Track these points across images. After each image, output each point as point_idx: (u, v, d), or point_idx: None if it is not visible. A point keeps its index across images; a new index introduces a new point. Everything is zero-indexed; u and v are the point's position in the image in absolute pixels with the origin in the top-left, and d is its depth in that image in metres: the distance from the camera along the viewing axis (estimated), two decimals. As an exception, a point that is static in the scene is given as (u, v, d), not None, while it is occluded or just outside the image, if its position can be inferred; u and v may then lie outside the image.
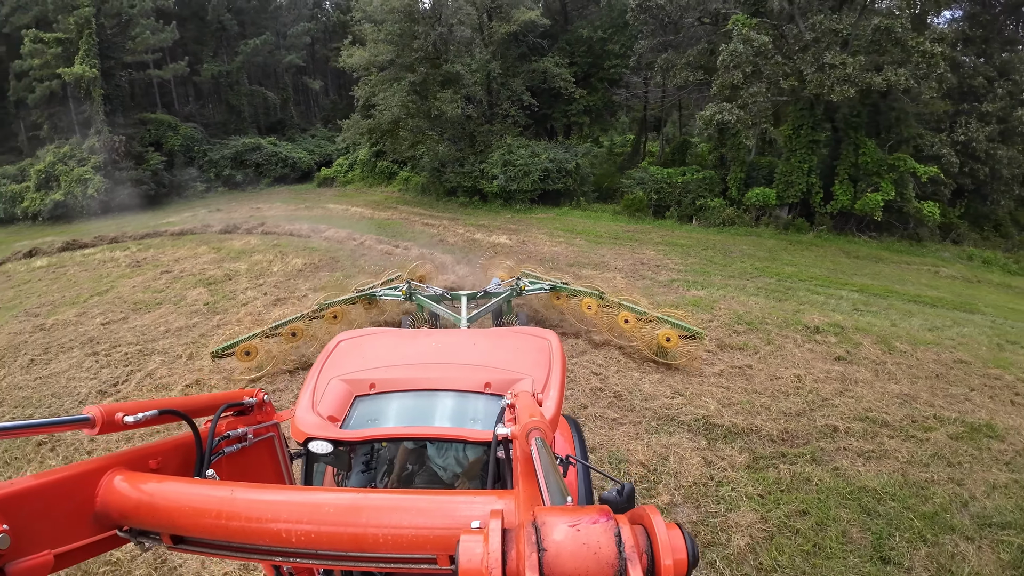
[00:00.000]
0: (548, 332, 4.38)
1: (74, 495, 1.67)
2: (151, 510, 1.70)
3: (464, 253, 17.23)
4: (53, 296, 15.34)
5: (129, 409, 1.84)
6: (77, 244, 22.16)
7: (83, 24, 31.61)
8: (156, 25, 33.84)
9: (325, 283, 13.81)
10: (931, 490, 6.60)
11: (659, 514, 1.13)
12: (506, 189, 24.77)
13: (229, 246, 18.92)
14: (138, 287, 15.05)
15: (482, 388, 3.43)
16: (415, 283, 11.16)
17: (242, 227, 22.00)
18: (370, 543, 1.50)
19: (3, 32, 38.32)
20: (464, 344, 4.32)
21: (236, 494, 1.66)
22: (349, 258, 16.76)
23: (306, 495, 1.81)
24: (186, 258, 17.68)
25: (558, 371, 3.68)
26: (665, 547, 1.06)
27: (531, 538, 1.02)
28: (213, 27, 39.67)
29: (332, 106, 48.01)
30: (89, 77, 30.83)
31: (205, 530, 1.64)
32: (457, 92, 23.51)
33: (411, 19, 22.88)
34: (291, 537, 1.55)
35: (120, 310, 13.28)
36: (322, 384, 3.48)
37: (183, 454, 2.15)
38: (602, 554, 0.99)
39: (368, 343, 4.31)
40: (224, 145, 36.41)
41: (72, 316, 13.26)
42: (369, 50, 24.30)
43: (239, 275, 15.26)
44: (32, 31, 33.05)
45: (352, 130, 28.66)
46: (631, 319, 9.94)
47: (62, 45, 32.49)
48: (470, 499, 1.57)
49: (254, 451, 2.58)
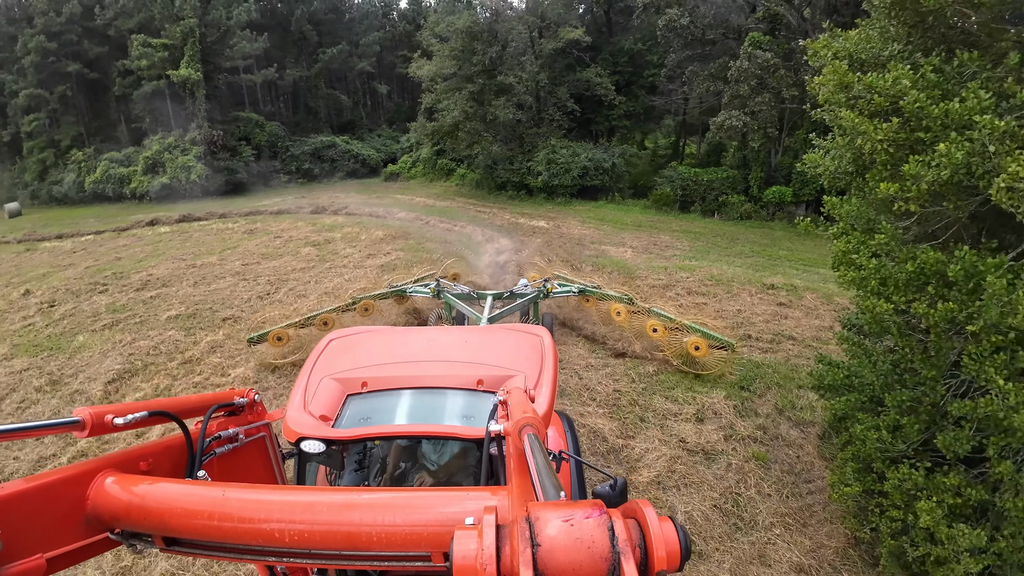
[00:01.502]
0: (540, 329, 4.56)
1: (65, 498, 1.72)
2: (143, 512, 1.75)
3: (507, 232, 21.79)
4: (189, 250, 20.80)
5: (119, 411, 1.91)
6: (191, 217, 28.06)
7: (188, 33, 38.03)
8: (250, 35, 40.05)
9: (403, 246, 18.66)
10: (801, 370, 10.58)
11: (652, 508, 1.15)
12: (549, 184, 29.20)
13: (321, 222, 24.20)
14: (259, 246, 20.35)
15: (474, 385, 3.56)
16: (444, 281, 11.72)
17: (328, 209, 27.37)
18: (364, 541, 1.57)
19: (108, 35, 45.75)
20: (456, 342, 4.42)
21: (228, 494, 1.73)
22: (418, 232, 21.63)
23: (299, 495, 1.87)
24: (289, 229, 22.99)
25: (550, 368, 3.81)
26: (658, 540, 1.09)
27: (525, 533, 1.03)
28: (295, 37, 45.90)
29: (396, 108, 53.74)
30: (194, 79, 37.17)
31: (198, 531, 1.70)
32: (510, 100, 28.23)
33: (472, 37, 27.75)
34: (284, 537, 1.61)
35: (252, 258, 18.53)
36: (313, 383, 3.59)
37: (174, 455, 2.22)
38: (596, 548, 1.01)
39: (360, 342, 4.43)
40: (304, 142, 42.45)
41: (214, 260, 18.58)
42: (436, 63, 29.29)
43: (336, 240, 20.35)
44: (141, 36, 39.78)
45: (418, 131, 33.82)
46: (660, 327, 10.15)
47: (168, 50, 39.03)
48: (463, 496, 1.67)
49: (245, 451, 2.67)
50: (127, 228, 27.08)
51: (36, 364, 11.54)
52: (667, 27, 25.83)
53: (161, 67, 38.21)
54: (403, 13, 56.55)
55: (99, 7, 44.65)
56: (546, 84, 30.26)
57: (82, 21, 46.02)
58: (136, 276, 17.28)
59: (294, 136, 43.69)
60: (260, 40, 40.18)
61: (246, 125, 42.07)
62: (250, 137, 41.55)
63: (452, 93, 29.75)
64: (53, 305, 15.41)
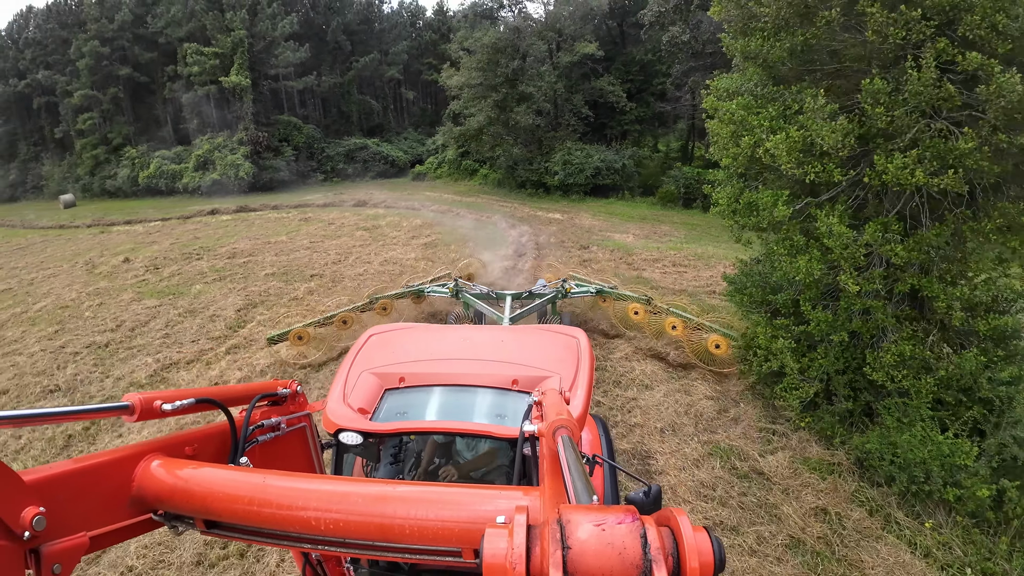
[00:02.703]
0: (577, 330, 4.70)
1: (111, 479, 1.80)
2: (186, 495, 1.84)
3: (527, 221, 25.72)
4: (257, 232, 24.96)
5: (167, 397, 2.01)
6: (247, 208, 32.40)
7: (237, 43, 42.64)
8: (293, 46, 44.59)
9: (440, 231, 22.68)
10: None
11: (686, 516, 1.16)
12: (564, 183, 33.05)
13: (365, 213, 28.39)
14: (317, 230, 24.49)
15: (510, 385, 3.73)
16: (462, 281, 12.04)
17: (367, 203, 31.56)
18: (396, 533, 1.61)
19: (157, 42, 50.63)
20: (493, 341, 4.61)
21: (268, 481, 1.81)
22: (451, 222, 25.66)
23: (336, 484, 1.94)
24: (338, 219, 27.15)
25: (586, 369, 3.94)
26: (691, 549, 1.09)
27: (556, 535, 1.05)
28: (331, 46, 50.45)
29: (421, 112, 58.14)
30: (243, 85, 41.72)
31: (238, 516, 1.78)
32: (530, 107, 32.25)
33: (496, 51, 31.83)
34: (320, 525, 1.68)
35: (315, 238, 22.65)
36: (353, 377, 3.82)
37: (218, 442, 2.34)
38: (627, 554, 1.01)
39: (399, 338, 4.66)
40: (338, 143, 46.90)
41: (284, 239, 22.73)
42: (463, 74, 33.38)
43: (381, 226, 24.46)
44: (194, 45, 44.49)
45: (445, 135, 37.96)
46: (679, 325, 10.35)
47: (219, 58, 43.64)
48: (496, 494, 1.67)
49: (286, 440, 2.80)
50: (191, 216, 31.48)
51: (166, 303, 15.63)
52: (670, 42, 29.73)
53: (212, 73, 42.84)
54: (429, 23, 61.07)
55: (151, 16, 49.52)
56: (563, 92, 34.19)
57: (132, 28, 51.03)
58: (222, 249, 21.49)
59: (328, 138, 48.15)
60: (302, 50, 44.71)
61: (285, 128, 46.58)
62: (289, 138, 46.04)
63: (477, 101, 33.82)
64: (158, 268, 19.64)
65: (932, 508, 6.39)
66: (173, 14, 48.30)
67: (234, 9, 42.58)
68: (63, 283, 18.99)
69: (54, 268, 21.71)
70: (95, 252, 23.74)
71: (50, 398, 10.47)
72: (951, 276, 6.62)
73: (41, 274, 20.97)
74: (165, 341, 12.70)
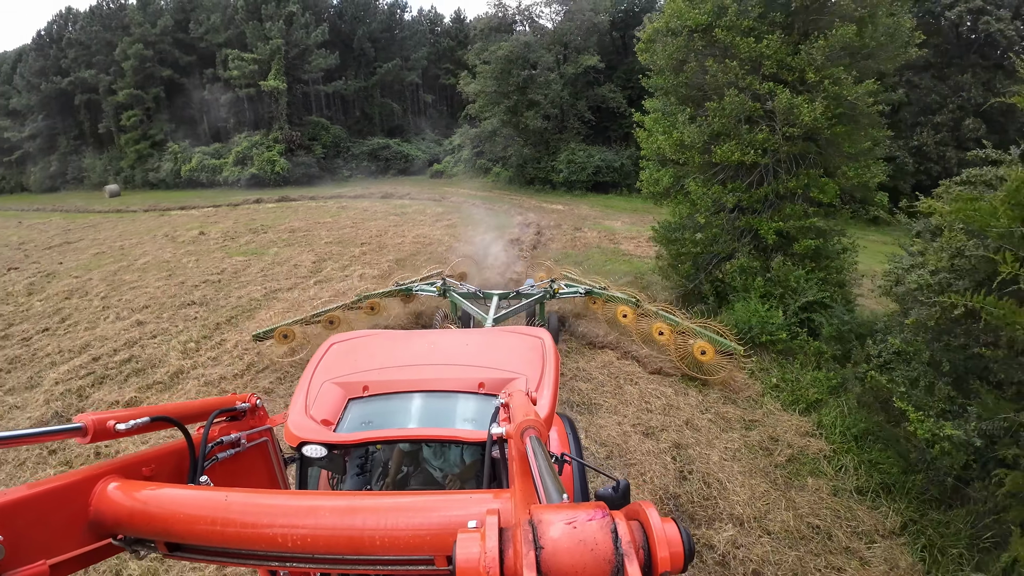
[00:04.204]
0: (541, 331, 4.87)
1: (68, 504, 1.80)
2: (145, 517, 1.83)
3: (533, 211, 30.87)
4: (303, 216, 30.26)
5: (121, 417, 2.01)
6: (288, 198, 37.82)
7: (275, 51, 48.23)
8: (324, 53, 50.22)
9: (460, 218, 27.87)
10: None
11: (655, 509, 1.20)
12: (568, 180, 38.18)
13: (392, 203, 33.76)
14: (354, 215, 29.80)
15: (476, 388, 3.79)
16: (451, 280, 12.31)
17: (393, 196, 36.97)
18: (367, 545, 1.63)
19: (196, 46, 56.46)
20: (457, 345, 4.72)
21: (231, 499, 1.81)
22: (467, 210, 30.89)
23: (301, 499, 1.92)
24: (370, 208, 32.48)
25: (551, 370, 4.03)
26: (661, 541, 1.14)
27: (528, 536, 1.08)
28: (356, 52, 56.08)
29: (439, 115, 63.63)
30: (280, 88, 47.29)
31: (200, 537, 1.78)
32: (538, 112, 37.51)
33: (509, 62, 37.12)
34: (287, 541, 1.68)
35: (355, 220, 27.96)
36: (315, 387, 3.81)
37: (176, 461, 2.34)
38: (599, 550, 1.05)
39: (361, 346, 4.71)
40: (362, 143, 52.52)
41: (329, 220, 28.04)
42: (479, 82, 38.71)
43: (409, 213, 29.77)
44: (235, 51, 50.16)
45: (461, 136, 43.30)
46: (666, 331, 10.52)
47: (257, 63, 49.24)
48: (466, 499, 1.69)
49: (248, 456, 2.83)
50: (238, 204, 36.98)
51: (252, 259, 20.84)
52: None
53: (251, 77, 48.45)
54: (446, 30, 66.73)
55: (193, 23, 55.38)
56: (568, 99, 39.41)
57: (174, 33, 56.93)
58: (281, 227, 26.86)
59: (352, 138, 53.72)
60: (332, 57, 50.34)
61: (315, 128, 52.20)
62: (318, 137, 51.63)
63: (491, 106, 39.15)
64: (232, 238, 24.97)
65: (757, 347, 11.37)
66: (213, 21, 54.18)
67: (272, 19, 48.21)
68: (153, 248, 24.33)
69: (136, 239, 27.09)
70: (167, 228, 29.17)
71: (188, 309, 15.50)
72: (771, 217, 11.66)
73: (127, 243, 26.35)
74: (264, 279, 17.93)
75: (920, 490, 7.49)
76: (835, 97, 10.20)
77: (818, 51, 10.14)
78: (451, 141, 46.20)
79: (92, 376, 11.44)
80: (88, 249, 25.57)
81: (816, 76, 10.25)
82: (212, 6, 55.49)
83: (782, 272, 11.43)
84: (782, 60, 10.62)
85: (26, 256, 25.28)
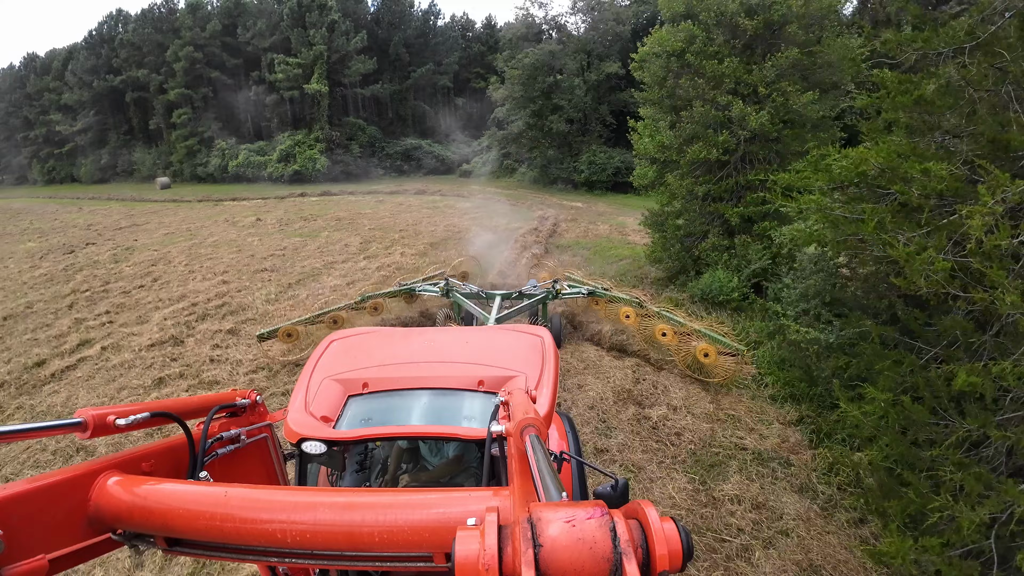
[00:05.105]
0: (540, 329, 4.96)
1: (68, 499, 1.83)
2: (145, 512, 1.86)
3: (553, 207, 34.02)
4: (345, 208, 33.85)
5: (121, 412, 2.05)
6: (329, 193, 41.58)
7: (318, 56, 52.26)
8: (363, 59, 54.19)
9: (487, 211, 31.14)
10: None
11: (653, 508, 1.23)
12: (589, 180, 41.23)
13: (425, 199, 37.36)
14: (391, 208, 33.34)
15: (475, 386, 3.84)
16: (453, 280, 12.49)
17: (426, 192, 40.56)
18: (366, 542, 1.66)
19: (242, 50, 60.87)
20: (457, 342, 4.78)
21: (230, 494, 1.84)
22: (494, 206, 34.25)
23: (300, 495, 1.96)
24: (404, 202, 36.07)
25: (551, 368, 4.10)
26: (660, 540, 1.16)
27: (527, 534, 1.10)
28: (392, 58, 60.00)
29: (468, 117, 67.25)
30: (322, 91, 51.29)
31: (200, 532, 1.81)
32: (561, 116, 40.73)
33: (535, 69, 40.42)
34: (286, 537, 1.72)
35: (393, 212, 31.47)
36: (315, 384, 3.86)
37: (176, 456, 2.39)
38: (597, 548, 1.07)
39: (361, 343, 4.80)
40: (396, 143, 56.41)
41: (369, 212, 31.57)
42: (507, 88, 42.08)
43: (441, 208, 33.31)
44: (280, 56, 54.32)
45: (490, 138, 46.72)
46: (669, 332, 10.64)
47: (301, 68, 53.33)
48: (465, 496, 1.74)
49: (247, 452, 2.89)
50: (284, 197, 40.87)
51: (308, 240, 24.37)
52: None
53: (295, 80, 52.55)
54: (477, 36, 70.46)
55: (240, 28, 59.85)
56: (590, 104, 42.53)
57: (222, 37, 61.44)
58: (328, 215, 30.53)
59: (387, 138, 57.61)
60: (370, 62, 54.29)
61: (352, 128, 56.23)
62: (355, 137, 55.59)
63: (518, 110, 42.49)
64: (287, 224, 28.63)
65: (716, 307, 14.37)
66: (259, 27, 58.51)
67: (316, 27, 52.28)
68: (218, 231, 28.09)
69: (200, 223, 30.96)
70: (225, 215, 33.01)
71: (262, 274, 18.99)
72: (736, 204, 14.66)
73: (192, 226, 30.23)
74: (320, 255, 21.43)
75: (820, 398, 10.42)
76: (782, 106, 13.20)
77: (767, 70, 13.17)
78: (480, 142, 49.83)
79: (194, 315, 14.95)
80: (157, 230, 29.47)
81: (766, 90, 13.28)
82: (258, 12, 59.93)
83: (743, 248, 14.43)
84: (739, 78, 13.67)
85: (99, 235, 29.31)
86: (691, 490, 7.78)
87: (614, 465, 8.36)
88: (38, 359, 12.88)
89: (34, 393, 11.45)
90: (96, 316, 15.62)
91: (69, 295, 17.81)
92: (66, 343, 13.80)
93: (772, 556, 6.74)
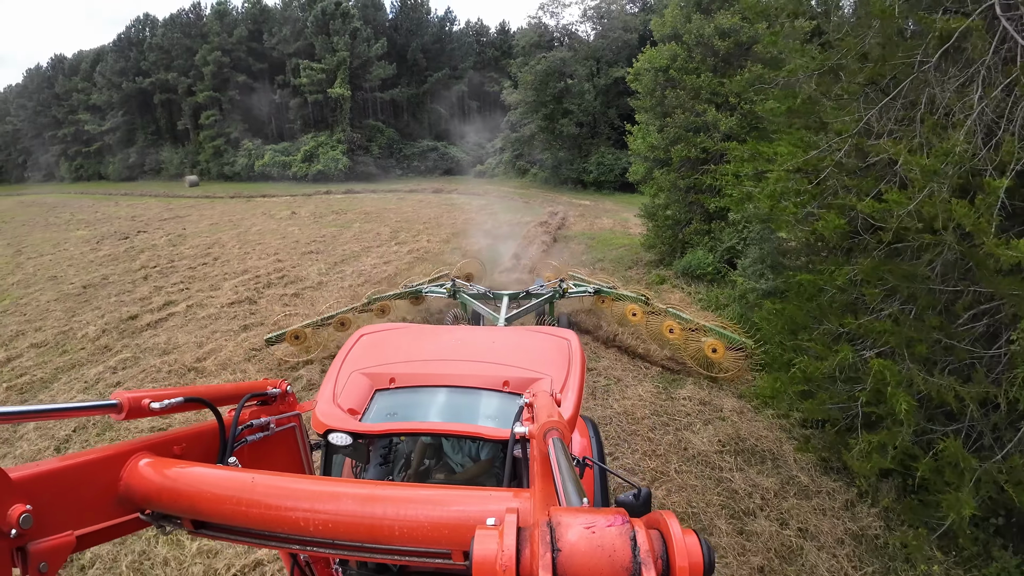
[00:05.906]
0: (568, 332, 5.00)
1: (99, 478, 1.89)
2: (174, 494, 1.92)
3: (563, 204, 37.07)
4: (370, 204, 37.06)
5: (155, 396, 2.11)
6: (352, 191, 44.91)
7: (341, 62, 55.73)
8: (384, 64, 57.65)
9: (501, 207, 34.23)
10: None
11: (676, 519, 1.21)
12: (598, 180, 44.24)
13: (442, 197, 40.61)
14: (411, 204, 36.56)
15: (500, 386, 3.90)
16: (460, 281, 12.64)
17: (443, 191, 43.81)
18: (386, 534, 1.70)
19: (268, 55, 64.51)
20: (484, 342, 4.88)
21: (257, 481, 1.89)
22: (507, 203, 37.36)
23: (325, 485, 2.01)
24: (424, 199, 39.31)
25: (577, 371, 4.14)
26: (681, 552, 1.14)
27: (546, 537, 1.10)
28: (409, 63, 63.45)
29: (482, 120, 70.59)
30: (345, 95, 54.73)
31: (226, 516, 1.87)
32: (571, 119, 43.86)
33: (547, 75, 43.58)
34: (309, 525, 1.76)
35: (415, 207, 34.68)
36: (343, 377, 3.99)
37: (207, 441, 2.47)
38: (616, 557, 1.06)
39: (390, 338, 4.91)
40: (413, 145, 59.77)
41: (392, 207, 34.77)
42: (520, 92, 45.26)
43: (458, 205, 36.56)
44: (305, 61, 57.93)
45: (503, 140, 49.92)
46: (676, 328, 10.92)
47: (324, 72, 56.81)
48: (486, 496, 1.75)
49: (276, 440, 2.96)
50: (311, 195, 44.23)
51: (343, 230, 27.55)
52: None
53: (318, 84, 56.06)
54: (491, 41, 73.87)
55: (266, 34, 63.51)
56: (599, 107, 45.60)
57: (248, 42, 65.12)
58: (356, 210, 33.85)
59: (404, 140, 61.01)
60: (390, 67, 57.75)
61: (371, 130, 59.70)
62: (374, 139, 59.01)
63: (530, 113, 45.65)
64: (320, 217, 31.88)
65: (695, 280, 17.33)
66: (284, 34, 62.14)
67: (339, 34, 55.79)
68: (259, 222, 31.36)
69: (239, 216, 34.25)
70: (261, 209, 36.35)
71: (309, 255, 22.16)
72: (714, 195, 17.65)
73: (233, 218, 33.51)
74: (356, 241, 24.63)
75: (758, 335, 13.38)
76: (749, 113, 16.21)
77: (735, 84, 16.19)
78: (493, 144, 53.18)
79: (259, 284, 18.14)
80: (201, 221, 32.83)
81: (736, 100, 16.30)
82: (283, 19, 63.60)
83: (718, 232, 17.43)
84: (714, 89, 16.70)
85: (146, 224, 32.71)
86: (655, 391, 10.79)
87: (600, 377, 11.37)
88: (130, 315, 15.99)
89: (136, 336, 14.54)
90: (172, 284, 18.85)
91: (140, 269, 21.08)
92: (152, 303, 16.97)
93: (710, 430, 9.73)
